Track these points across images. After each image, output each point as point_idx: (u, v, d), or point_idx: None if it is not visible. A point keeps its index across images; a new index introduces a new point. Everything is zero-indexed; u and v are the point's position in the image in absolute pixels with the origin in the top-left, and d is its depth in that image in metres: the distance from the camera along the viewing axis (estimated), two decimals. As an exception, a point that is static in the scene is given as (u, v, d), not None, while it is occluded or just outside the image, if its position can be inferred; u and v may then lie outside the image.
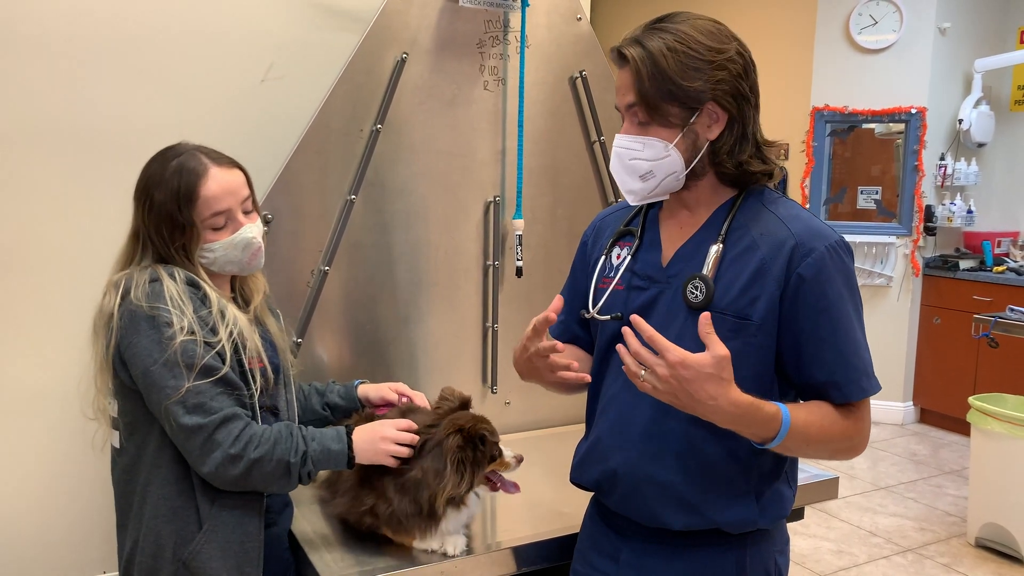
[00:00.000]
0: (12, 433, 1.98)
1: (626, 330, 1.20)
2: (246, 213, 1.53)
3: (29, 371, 1.98)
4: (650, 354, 1.16)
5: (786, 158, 5.60)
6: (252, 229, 1.53)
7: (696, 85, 1.24)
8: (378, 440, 1.52)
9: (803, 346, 1.27)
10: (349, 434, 1.53)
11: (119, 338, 1.43)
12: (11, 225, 1.94)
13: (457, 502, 1.51)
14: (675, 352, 1.14)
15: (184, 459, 1.45)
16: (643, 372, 1.18)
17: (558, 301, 1.34)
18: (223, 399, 1.42)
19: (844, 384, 1.26)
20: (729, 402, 1.16)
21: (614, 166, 1.34)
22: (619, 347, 1.20)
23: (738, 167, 1.30)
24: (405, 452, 1.53)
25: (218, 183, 1.47)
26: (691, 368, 1.14)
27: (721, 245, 1.29)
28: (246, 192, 1.53)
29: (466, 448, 1.52)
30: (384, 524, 1.55)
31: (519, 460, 1.60)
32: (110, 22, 1.98)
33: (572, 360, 1.36)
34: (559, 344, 1.32)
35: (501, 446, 1.59)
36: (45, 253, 1.97)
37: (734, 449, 1.29)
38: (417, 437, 1.55)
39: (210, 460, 1.40)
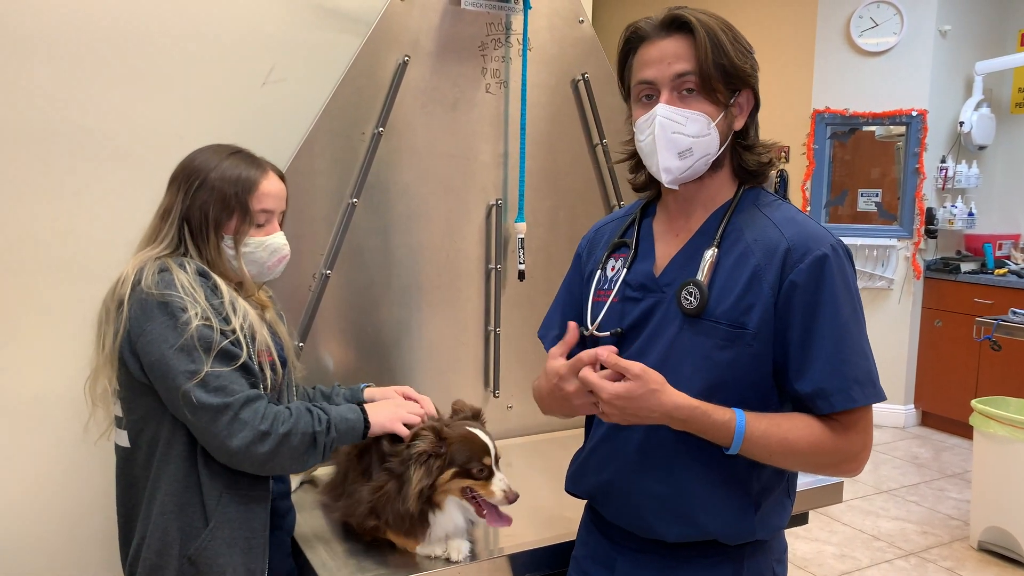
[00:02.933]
0: (10, 436, 1.97)
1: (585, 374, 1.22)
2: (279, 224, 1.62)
3: (27, 374, 1.97)
4: (592, 396, 1.23)
5: (787, 160, 5.59)
6: (284, 237, 1.61)
7: (746, 67, 1.26)
8: (391, 406, 1.61)
9: (793, 353, 1.23)
10: (361, 404, 1.60)
11: (129, 328, 1.42)
12: (8, 226, 1.93)
13: (429, 502, 1.50)
14: (606, 390, 1.19)
15: (190, 455, 1.44)
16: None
17: (573, 332, 1.32)
18: (242, 382, 1.42)
19: (832, 393, 1.21)
20: (673, 406, 1.19)
21: (653, 139, 1.27)
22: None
23: (756, 156, 1.32)
24: (416, 419, 1.60)
25: (273, 184, 1.57)
26: (623, 398, 1.18)
27: (716, 250, 1.27)
28: (285, 206, 1.63)
29: (433, 448, 1.52)
30: (386, 526, 1.54)
31: (508, 497, 1.51)
32: (109, 23, 1.97)
33: None
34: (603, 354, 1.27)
35: (498, 473, 1.53)
36: (42, 254, 1.96)
37: (732, 460, 1.26)
38: (427, 409, 1.64)
39: (239, 438, 1.38)
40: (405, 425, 1.59)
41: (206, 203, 1.50)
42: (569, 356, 1.51)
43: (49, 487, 2.02)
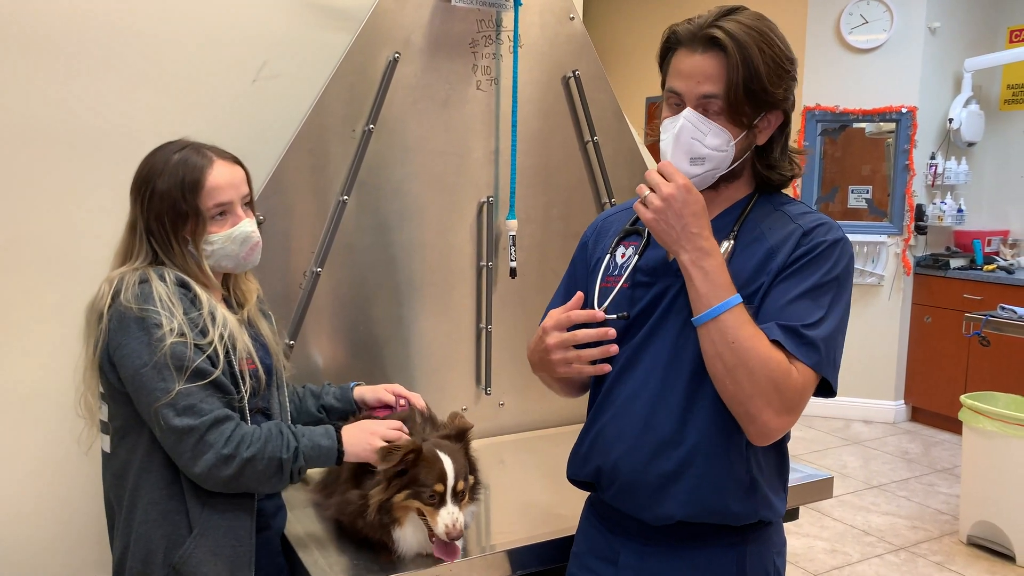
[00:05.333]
0: (3, 434, 1.96)
1: (662, 165, 1.25)
2: (244, 210, 1.55)
3: (21, 372, 1.96)
4: (660, 177, 1.23)
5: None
6: (251, 224, 1.55)
7: (779, 92, 1.26)
8: (367, 434, 1.53)
9: (769, 303, 1.25)
10: (338, 430, 1.53)
11: (107, 340, 1.42)
12: (4, 224, 1.92)
13: (390, 515, 1.47)
14: (684, 177, 1.23)
15: (173, 463, 1.43)
16: (647, 193, 1.24)
17: (579, 297, 1.32)
18: (213, 401, 1.41)
19: (783, 330, 1.22)
20: (710, 240, 1.23)
21: (671, 140, 1.28)
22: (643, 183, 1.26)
23: (779, 173, 1.34)
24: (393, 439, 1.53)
25: (222, 175, 1.49)
26: (693, 194, 1.22)
27: (732, 242, 1.30)
28: (246, 189, 1.55)
29: (398, 466, 1.48)
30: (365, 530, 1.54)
31: (449, 533, 1.43)
32: (102, 21, 1.95)
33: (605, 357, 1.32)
34: (599, 313, 1.30)
35: (449, 505, 1.46)
36: (39, 253, 1.95)
37: (736, 441, 1.29)
38: (403, 435, 1.54)
39: (202, 461, 1.38)
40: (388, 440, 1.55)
41: (160, 213, 1.46)
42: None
43: (41, 486, 2.01)
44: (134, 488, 1.45)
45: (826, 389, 1.28)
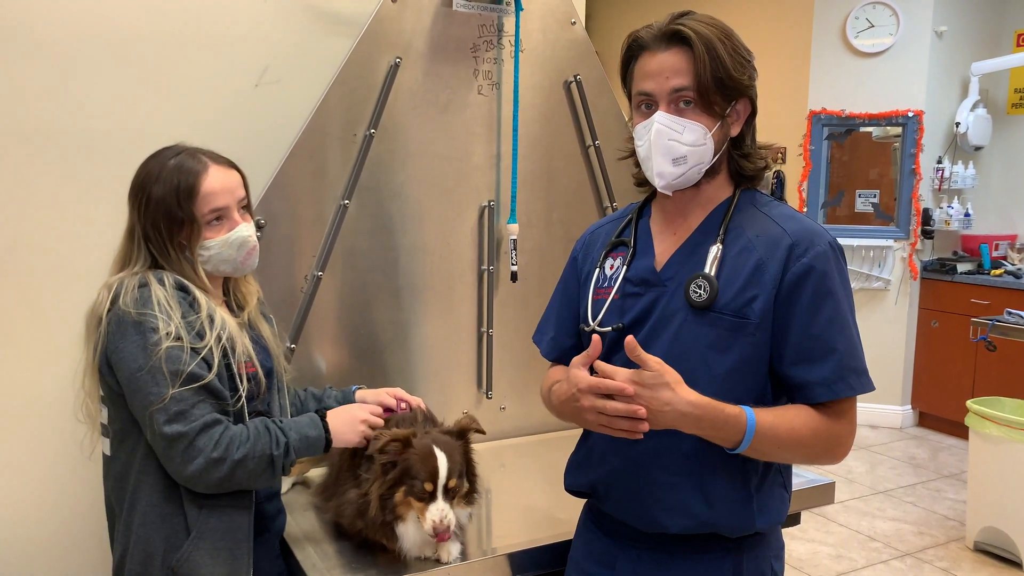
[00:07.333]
0: (2, 438, 1.97)
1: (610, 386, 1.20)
2: (241, 214, 1.55)
3: (21, 377, 1.97)
4: (604, 400, 1.20)
5: (783, 162, 5.60)
6: (248, 228, 1.55)
7: (743, 78, 1.29)
8: (351, 419, 1.57)
9: (796, 343, 1.27)
10: (323, 418, 1.55)
11: (106, 343, 1.43)
12: (3, 228, 1.93)
13: (393, 513, 1.48)
14: (621, 374, 1.19)
15: None
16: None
17: (597, 343, 1.26)
18: (204, 407, 1.41)
19: (834, 381, 1.26)
20: (685, 403, 1.18)
21: (649, 145, 1.30)
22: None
23: (752, 162, 1.36)
24: (378, 420, 1.60)
25: (218, 180, 1.49)
26: (638, 384, 1.18)
27: (720, 246, 1.31)
28: (242, 193, 1.55)
29: (388, 463, 1.50)
30: (366, 530, 1.54)
31: (436, 529, 1.43)
32: (104, 25, 1.97)
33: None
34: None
35: (439, 502, 1.45)
36: (37, 257, 1.96)
37: (734, 455, 1.28)
38: (380, 421, 1.60)
39: (192, 466, 1.38)
40: (372, 427, 1.60)
41: (156, 220, 1.46)
42: (556, 351, 1.53)
43: (40, 489, 2.02)
44: (134, 491, 1.46)
45: None
